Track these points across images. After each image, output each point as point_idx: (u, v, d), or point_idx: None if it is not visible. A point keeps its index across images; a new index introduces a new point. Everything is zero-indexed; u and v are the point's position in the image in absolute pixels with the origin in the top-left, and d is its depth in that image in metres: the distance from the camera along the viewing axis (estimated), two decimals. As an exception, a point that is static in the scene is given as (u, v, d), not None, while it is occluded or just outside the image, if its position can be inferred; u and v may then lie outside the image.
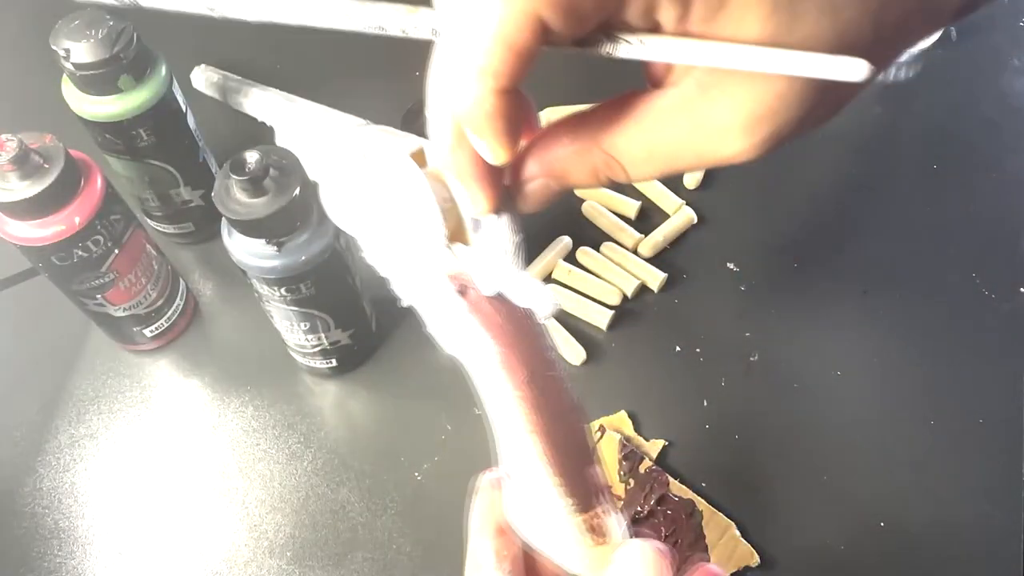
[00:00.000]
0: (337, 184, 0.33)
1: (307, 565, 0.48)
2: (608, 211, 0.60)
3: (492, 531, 0.30)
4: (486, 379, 0.28)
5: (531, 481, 0.28)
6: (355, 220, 0.32)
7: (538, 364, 0.28)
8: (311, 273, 0.44)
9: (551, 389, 0.28)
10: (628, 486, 0.49)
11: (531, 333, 0.28)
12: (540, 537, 0.29)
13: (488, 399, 0.29)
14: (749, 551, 0.47)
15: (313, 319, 0.47)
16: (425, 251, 0.30)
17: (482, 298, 0.28)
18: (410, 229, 0.30)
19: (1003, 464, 0.51)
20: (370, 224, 0.32)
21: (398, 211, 0.30)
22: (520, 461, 0.29)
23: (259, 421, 0.53)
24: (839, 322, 0.56)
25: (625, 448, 0.50)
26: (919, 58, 0.71)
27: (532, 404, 0.27)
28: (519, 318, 0.28)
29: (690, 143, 0.26)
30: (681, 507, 0.48)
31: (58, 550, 0.49)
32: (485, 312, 0.28)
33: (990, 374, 0.54)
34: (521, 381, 0.27)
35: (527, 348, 0.28)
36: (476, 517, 0.31)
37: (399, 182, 0.30)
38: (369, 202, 0.32)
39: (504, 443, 0.29)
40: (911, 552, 0.48)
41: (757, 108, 0.24)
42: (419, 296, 0.30)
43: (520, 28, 0.22)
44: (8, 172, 0.42)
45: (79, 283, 0.47)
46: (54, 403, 0.53)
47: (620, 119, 0.27)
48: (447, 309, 0.29)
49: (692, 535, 0.47)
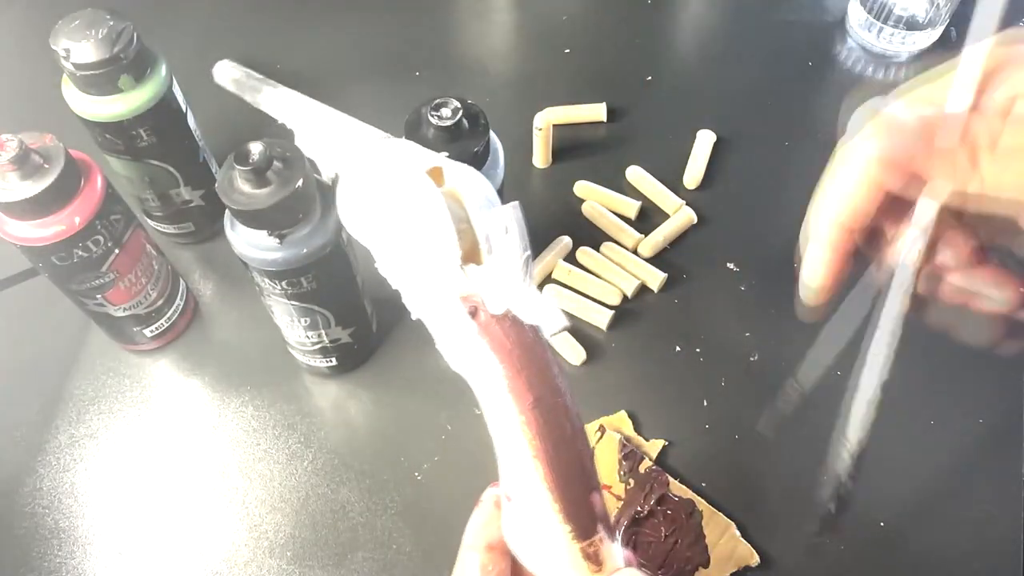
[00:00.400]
0: (353, 194, 0.33)
1: (307, 565, 0.48)
2: (608, 211, 0.60)
3: (483, 546, 0.30)
4: (492, 401, 0.28)
5: (531, 505, 0.28)
6: (369, 231, 0.32)
7: (545, 390, 0.28)
8: (312, 267, 0.44)
9: (556, 416, 0.28)
10: (628, 486, 0.49)
11: (540, 359, 0.28)
12: (537, 561, 0.29)
13: (493, 421, 0.29)
14: (749, 551, 0.47)
15: (313, 314, 0.47)
16: (437, 269, 0.29)
17: (492, 321, 0.28)
18: (424, 246, 0.30)
19: (1003, 464, 0.51)
20: (384, 236, 0.31)
21: (413, 227, 0.30)
22: (521, 485, 0.29)
23: (259, 421, 0.53)
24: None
25: (625, 448, 0.50)
26: (919, 58, 0.71)
27: (536, 430, 0.27)
28: (529, 343, 0.28)
29: None
30: (681, 507, 0.48)
31: (58, 550, 0.49)
32: (495, 336, 0.28)
33: (990, 374, 0.54)
34: (527, 406, 0.27)
35: (535, 374, 0.28)
36: (470, 531, 0.31)
37: (415, 198, 0.30)
38: (384, 215, 0.32)
39: (506, 465, 0.29)
40: (911, 552, 0.48)
41: None
42: (429, 312, 0.30)
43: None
44: (8, 172, 0.42)
45: (79, 283, 0.47)
46: (54, 403, 0.53)
47: None
48: (456, 329, 0.29)
49: (692, 535, 0.48)
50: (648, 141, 0.65)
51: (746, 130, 0.65)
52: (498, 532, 0.30)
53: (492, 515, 0.31)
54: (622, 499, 0.49)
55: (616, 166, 0.63)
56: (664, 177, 0.62)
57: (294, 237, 0.42)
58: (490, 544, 0.30)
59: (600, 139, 0.65)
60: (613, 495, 0.49)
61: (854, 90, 0.69)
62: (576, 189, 0.62)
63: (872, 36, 0.70)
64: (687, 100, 0.68)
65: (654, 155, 0.63)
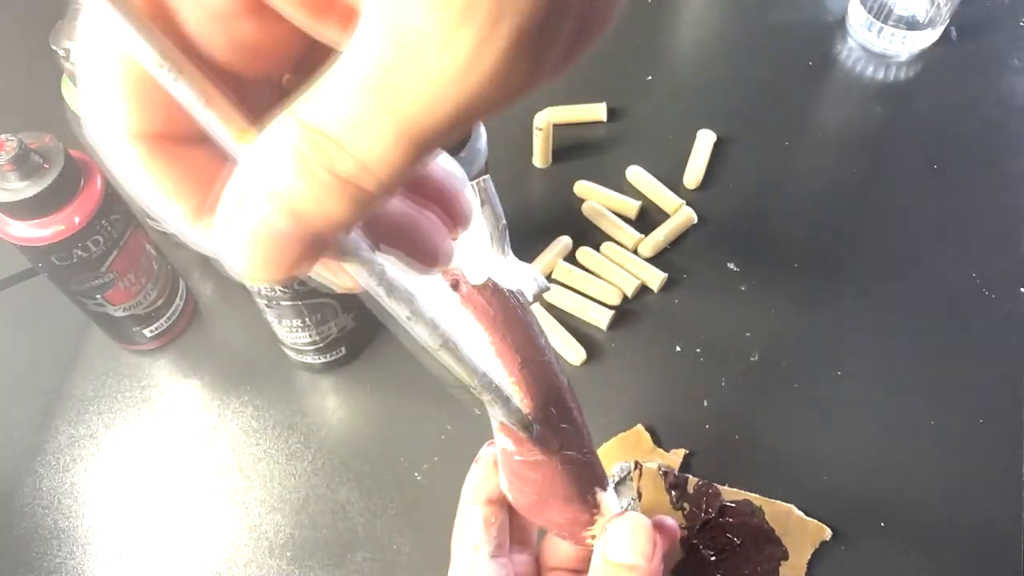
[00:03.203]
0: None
1: (307, 565, 0.48)
2: (608, 211, 0.60)
3: (483, 500, 0.32)
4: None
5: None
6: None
7: (530, 351, 0.29)
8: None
9: (544, 373, 0.29)
10: (685, 511, 0.48)
11: (522, 322, 0.30)
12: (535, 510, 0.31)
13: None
14: (818, 526, 0.48)
15: (324, 308, 0.47)
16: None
17: (474, 291, 0.29)
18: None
19: (1003, 464, 0.51)
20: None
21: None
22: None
23: (259, 421, 0.53)
24: (839, 322, 0.57)
25: (668, 476, 0.49)
26: (919, 58, 0.71)
27: (527, 389, 0.29)
28: (510, 308, 0.30)
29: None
30: (741, 510, 0.48)
31: (58, 550, 0.49)
32: (478, 304, 0.29)
33: (990, 374, 0.54)
34: (515, 368, 0.29)
35: (519, 336, 0.29)
36: (469, 487, 0.33)
37: None
38: None
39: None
40: (911, 552, 0.48)
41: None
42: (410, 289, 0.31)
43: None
44: (8, 172, 0.42)
45: (79, 283, 0.47)
46: (54, 403, 0.53)
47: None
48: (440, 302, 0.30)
49: (763, 533, 0.47)
50: (648, 141, 0.65)
51: (746, 130, 0.65)
52: (497, 487, 0.32)
53: (490, 471, 0.33)
54: (683, 526, 0.48)
55: (616, 166, 0.63)
56: (664, 177, 0.62)
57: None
58: (490, 498, 0.32)
59: (600, 139, 0.65)
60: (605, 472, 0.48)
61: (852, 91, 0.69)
62: (576, 189, 0.62)
63: (872, 36, 0.70)
64: (687, 100, 0.68)
65: (654, 155, 0.63)
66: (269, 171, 0.15)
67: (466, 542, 0.32)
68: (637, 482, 0.48)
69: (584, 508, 0.30)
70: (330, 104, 0.15)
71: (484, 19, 0.14)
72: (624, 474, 0.49)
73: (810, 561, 0.47)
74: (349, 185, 0.15)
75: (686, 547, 0.47)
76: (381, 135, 0.15)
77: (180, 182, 0.19)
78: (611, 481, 0.49)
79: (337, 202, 0.15)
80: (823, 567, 0.48)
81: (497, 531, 0.32)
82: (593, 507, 0.31)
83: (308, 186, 0.15)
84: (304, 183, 0.15)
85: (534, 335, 0.30)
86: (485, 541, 0.32)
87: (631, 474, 0.49)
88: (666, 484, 0.49)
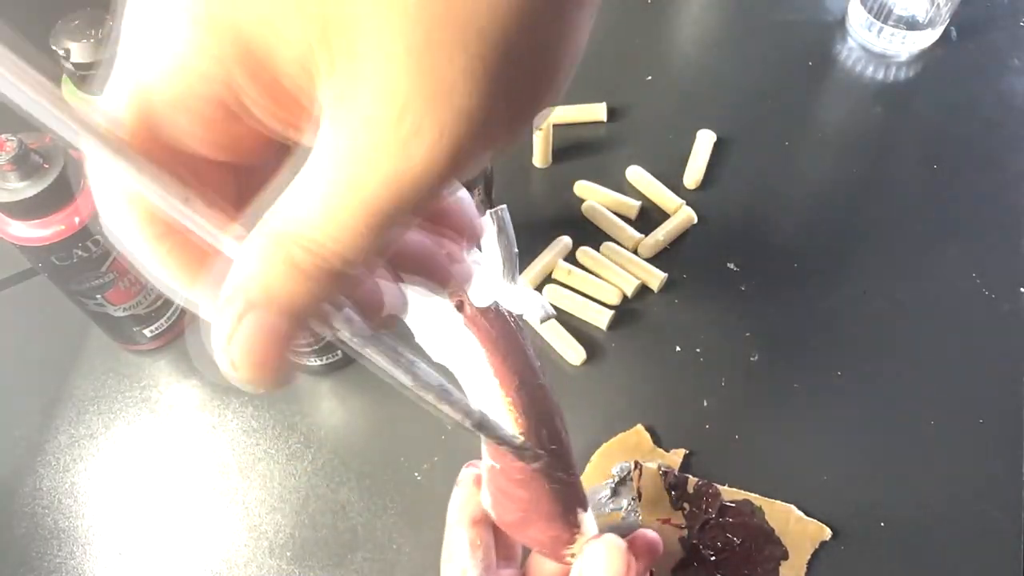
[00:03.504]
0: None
1: (307, 565, 0.48)
2: (608, 211, 0.60)
3: (467, 522, 0.34)
4: (477, 386, 0.31)
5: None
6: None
7: (528, 374, 0.30)
8: None
9: (538, 395, 0.31)
10: (685, 511, 0.48)
11: (521, 346, 0.31)
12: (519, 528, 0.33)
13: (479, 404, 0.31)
14: (818, 526, 0.48)
15: None
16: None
17: (477, 313, 0.30)
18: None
19: (1003, 464, 0.51)
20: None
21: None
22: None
23: (259, 421, 0.53)
24: (839, 322, 0.56)
25: (667, 476, 0.49)
26: (919, 58, 0.71)
27: (521, 409, 0.30)
28: (510, 332, 0.31)
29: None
30: (741, 510, 0.48)
31: (58, 550, 0.49)
32: (481, 326, 0.30)
33: (990, 374, 0.54)
34: (512, 389, 0.30)
35: (518, 359, 0.30)
36: (454, 509, 0.35)
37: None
38: None
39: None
40: (911, 552, 0.48)
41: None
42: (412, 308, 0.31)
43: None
44: (8, 172, 0.42)
45: (79, 283, 0.47)
46: (54, 403, 0.53)
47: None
48: (442, 321, 0.31)
49: (763, 533, 0.47)
50: (648, 141, 0.65)
51: (746, 130, 0.65)
52: (480, 507, 0.34)
53: (472, 492, 0.34)
54: (683, 526, 0.48)
55: (616, 166, 0.63)
56: (664, 177, 0.62)
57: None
58: (474, 519, 0.34)
59: (600, 139, 0.65)
60: (674, 525, 0.48)
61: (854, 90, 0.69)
62: (576, 189, 0.62)
63: (872, 36, 0.70)
64: (687, 100, 0.68)
65: (654, 155, 0.63)
66: (252, 278, 0.18)
67: (455, 567, 0.34)
68: (637, 482, 0.48)
69: (566, 527, 0.32)
70: (298, 210, 0.17)
71: (430, 132, 0.16)
72: (624, 474, 0.49)
73: (810, 561, 0.47)
74: (322, 271, 0.17)
75: (686, 547, 0.47)
76: (348, 228, 0.17)
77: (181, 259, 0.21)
78: (611, 481, 0.49)
79: (315, 285, 0.18)
80: (823, 567, 0.48)
81: (483, 553, 0.34)
82: (574, 526, 0.32)
83: (285, 277, 0.17)
84: (280, 277, 0.17)
85: (531, 359, 0.31)
86: (473, 565, 0.33)
87: (631, 474, 0.49)
88: (666, 484, 0.49)
